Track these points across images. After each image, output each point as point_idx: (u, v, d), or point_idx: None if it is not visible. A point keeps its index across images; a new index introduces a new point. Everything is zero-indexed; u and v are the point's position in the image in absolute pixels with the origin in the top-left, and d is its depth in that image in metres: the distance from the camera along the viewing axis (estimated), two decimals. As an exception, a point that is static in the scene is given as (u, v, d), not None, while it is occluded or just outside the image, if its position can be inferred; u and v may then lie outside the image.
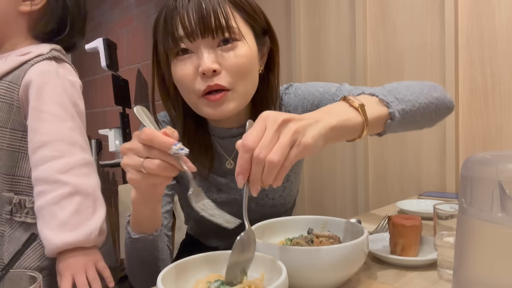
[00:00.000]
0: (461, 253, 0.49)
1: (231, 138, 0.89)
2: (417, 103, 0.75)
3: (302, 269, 0.60)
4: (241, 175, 0.56)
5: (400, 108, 0.72)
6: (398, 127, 0.74)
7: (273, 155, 0.55)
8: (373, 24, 1.62)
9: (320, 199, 1.87)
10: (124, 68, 3.21)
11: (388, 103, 0.71)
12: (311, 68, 1.86)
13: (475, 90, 1.34)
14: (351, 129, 0.66)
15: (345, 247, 0.62)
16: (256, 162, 0.55)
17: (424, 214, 1.03)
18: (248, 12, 0.79)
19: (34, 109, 0.78)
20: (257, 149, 0.55)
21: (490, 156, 0.48)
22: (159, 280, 0.54)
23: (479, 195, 0.46)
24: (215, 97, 0.76)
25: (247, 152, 0.55)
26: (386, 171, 1.61)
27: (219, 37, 0.75)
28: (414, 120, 0.76)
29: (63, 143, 0.76)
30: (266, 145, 0.55)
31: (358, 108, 0.67)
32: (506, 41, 1.27)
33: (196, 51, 0.76)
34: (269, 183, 0.57)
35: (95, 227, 0.73)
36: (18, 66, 0.81)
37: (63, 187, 0.71)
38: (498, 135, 1.30)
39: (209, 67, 0.73)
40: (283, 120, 0.57)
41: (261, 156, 0.55)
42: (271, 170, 0.55)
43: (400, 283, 0.67)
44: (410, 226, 0.74)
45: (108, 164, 3.05)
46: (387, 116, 0.71)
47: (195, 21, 0.73)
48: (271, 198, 0.93)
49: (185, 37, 0.74)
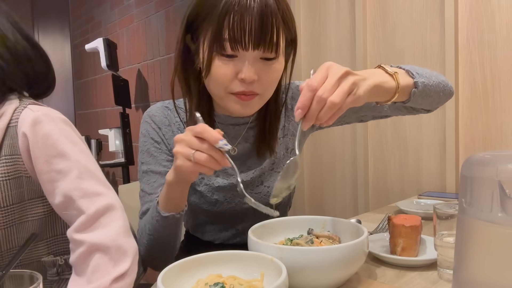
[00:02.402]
0: (461, 253, 0.49)
1: (235, 126, 0.93)
2: (431, 80, 0.88)
3: (302, 269, 0.61)
4: (300, 110, 0.65)
5: (421, 80, 0.84)
6: (419, 97, 0.85)
7: (335, 97, 0.64)
8: (373, 24, 1.62)
9: (320, 199, 1.87)
10: (124, 68, 3.21)
11: (413, 75, 0.83)
12: (311, 68, 1.86)
13: (475, 90, 1.34)
14: (387, 91, 0.77)
15: (345, 247, 0.62)
16: (318, 101, 0.63)
17: (424, 214, 1.03)
18: (289, 28, 0.83)
19: (45, 173, 0.70)
20: (321, 90, 0.63)
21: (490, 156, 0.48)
22: (159, 280, 0.54)
23: (479, 195, 0.46)
24: (247, 98, 0.81)
25: (311, 91, 0.63)
26: (386, 171, 1.61)
27: (265, 53, 0.78)
28: (429, 95, 0.88)
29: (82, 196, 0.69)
30: (328, 88, 0.64)
31: (393, 74, 0.78)
32: (506, 41, 1.27)
33: (241, 57, 0.78)
34: (324, 120, 0.65)
35: (113, 277, 0.66)
36: (3, 134, 0.72)
37: (80, 246, 0.67)
38: (498, 135, 1.30)
39: (251, 78, 0.78)
40: (345, 71, 0.66)
41: (324, 96, 0.63)
42: (330, 109, 0.64)
43: (400, 283, 0.67)
44: (410, 226, 0.74)
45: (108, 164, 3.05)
46: (412, 85, 0.83)
47: (255, 34, 0.75)
48: (266, 186, 0.95)
49: (239, 44, 0.76)
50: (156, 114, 0.95)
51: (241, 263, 0.63)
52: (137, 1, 3.03)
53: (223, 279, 0.60)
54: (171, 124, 0.94)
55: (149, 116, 0.95)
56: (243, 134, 0.94)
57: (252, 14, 0.74)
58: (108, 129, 3.23)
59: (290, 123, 0.99)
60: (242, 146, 0.94)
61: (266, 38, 0.76)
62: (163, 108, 0.96)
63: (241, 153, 0.94)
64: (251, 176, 0.93)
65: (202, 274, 0.62)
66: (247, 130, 0.94)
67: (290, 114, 0.99)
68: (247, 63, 0.77)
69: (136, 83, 3.11)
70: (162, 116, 0.95)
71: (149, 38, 2.92)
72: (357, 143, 1.68)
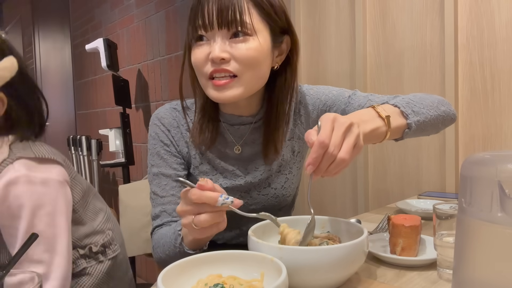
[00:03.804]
0: (461, 253, 0.49)
1: (240, 126, 0.94)
2: (429, 115, 0.86)
3: (302, 269, 0.61)
4: (311, 166, 0.66)
5: (416, 119, 0.83)
6: (412, 135, 0.85)
7: (343, 153, 0.65)
8: (373, 24, 1.62)
9: (320, 199, 1.87)
10: (124, 68, 3.21)
11: (407, 115, 0.82)
12: (311, 68, 1.86)
13: (474, 90, 1.34)
14: (378, 136, 0.78)
15: (345, 247, 0.62)
16: (328, 158, 0.65)
17: (424, 214, 1.03)
18: (266, 10, 0.84)
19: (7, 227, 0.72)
20: (330, 147, 0.65)
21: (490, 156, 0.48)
22: (159, 280, 0.54)
23: (479, 195, 0.46)
24: (219, 82, 0.82)
25: (322, 148, 0.65)
26: (386, 171, 1.61)
27: (232, 30, 0.81)
28: (424, 130, 0.87)
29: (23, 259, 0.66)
30: (337, 144, 0.65)
31: (385, 118, 0.78)
32: (506, 41, 1.27)
33: (211, 39, 0.82)
34: (331, 175, 0.68)
35: None
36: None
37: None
38: (497, 135, 1.30)
39: (218, 56, 0.80)
40: (349, 124, 0.67)
41: (334, 153, 0.65)
42: (339, 165, 0.66)
43: (400, 283, 0.67)
44: (410, 226, 0.74)
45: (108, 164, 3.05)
46: (405, 126, 0.82)
47: (214, 13, 0.81)
48: (273, 188, 0.97)
49: (203, 26, 0.82)
50: (164, 116, 0.96)
51: (241, 263, 0.63)
52: (137, 1, 3.03)
53: (223, 279, 0.60)
54: (180, 125, 0.96)
55: (157, 118, 0.96)
56: (248, 134, 0.95)
57: (214, 0, 0.81)
58: (108, 129, 3.22)
59: (297, 127, 0.99)
60: (248, 147, 0.95)
61: (228, 16, 0.80)
62: (171, 110, 0.97)
63: (248, 154, 0.95)
64: (259, 178, 0.95)
65: (202, 274, 0.62)
66: (252, 130, 0.95)
67: (297, 118, 0.99)
68: (215, 43, 0.81)
69: (136, 83, 3.11)
70: (171, 118, 0.96)
71: (149, 38, 2.92)
72: (357, 143, 1.67)
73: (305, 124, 0.99)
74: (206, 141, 0.92)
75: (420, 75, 1.48)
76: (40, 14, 4.85)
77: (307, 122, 0.99)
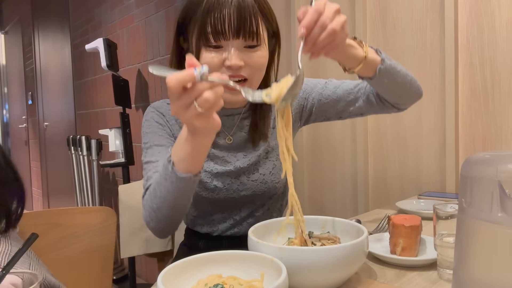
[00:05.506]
0: (461, 253, 0.49)
1: (229, 116, 1.00)
2: (399, 68, 0.93)
3: (302, 269, 0.61)
4: (304, 28, 0.70)
5: (389, 63, 0.89)
6: (384, 77, 0.89)
7: (335, 24, 0.70)
8: (373, 24, 1.62)
9: (320, 199, 1.87)
10: (124, 68, 3.21)
11: (381, 53, 0.89)
12: (311, 67, 1.86)
13: (475, 90, 1.34)
14: (355, 56, 0.84)
15: (345, 247, 0.62)
16: (321, 25, 0.69)
17: (424, 214, 1.03)
18: (269, 20, 0.92)
19: None
20: (323, 16, 0.69)
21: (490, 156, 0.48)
22: (159, 280, 0.54)
23: (479, 195, 0.46)
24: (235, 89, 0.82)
25: (317, 14, 0.69)
26: (386, 171, 1.61)
27: (248, 41, 0.86)
28: (395, 80, 0.92)
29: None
30: (330, 16, 0.70)
31: (363, 44, 0.85)
32: (506, 41, 1.27)
33: (225, 47, 0.86)
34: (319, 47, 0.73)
35: None
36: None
37: None
38: (498, 135, 1.30)
39: (237, 64, 0.85)
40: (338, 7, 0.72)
41: (326, 22, 0.69)
42: (329, 36, 0.70)
43: (400, 283, 0.67)
44: (410, 226, 0.74)
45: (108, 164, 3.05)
46: (379, 62, 0.87)
47: (234, 24, 0.84)
48: (261, 173, 1.00)
49: (221, 34, 0.84)
50: (160, 106, 1.02)
51: (241, 263, 0.63)
52: (137, 1, 3.03)
53: (223, 279, 0.60)
54: None
55: (153, 107, 1.02)
56: (237, 124, 1.00)
57: (230, 7, 0.83)
58: (108, 129, 3.22)
59: None
60: (237, 135, 1.01)
61: (245, 27, 0.84)
62: (166, 104, 1.03)
63: (237, 142, 1.00)
64: (248, 163, 0.99)
65: (202, 274, 0.62)
66: (241, 120, 1.01)
67: None
68: (232, 51, 0.85)
69: (136, 83, 3.11)
70: (166, 108, 1.01)
71: (149, 38, 2.92)
72: (357, 143, 1.68)
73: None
74: None
75: (420, 75, 1.48)
76: (40, 14, 4.85)
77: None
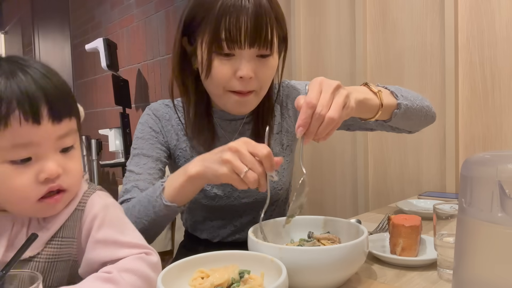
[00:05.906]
0: (461, 253, 0.49)
1: (231, 121, 0.96)
2: (415, 103, 0.91)
3: (302, 269, 0.61)
4: (302, 128, 0.67)
5: (405, 102, 0.87)
6: (400, 119, 0.88)
7: (332, 112, 0.66)
8: (373, 24, 1.62)
9: (320, 199, 1.87)
10: (124, 68, 3.21)
11: (397, 96, 0.87)
12: (311, 68, 1.86)
13: (475, 90, 1.34)
14: (371, 108, 0.81)
15: (345, 247, 0.62)
16: (317, 118, 0.66)
17: (424, 214, 1.03)
18: (281, 25, 0.86)
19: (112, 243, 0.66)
20: (319, 107, 0.66)
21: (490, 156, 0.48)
22: (159, 280, 0.54)
23: (479, 195, 0.46)
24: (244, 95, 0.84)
25: (310, 108, 0.66)
26: (386, 171, 1.61)
27: (262, 51, 0.81)
28: (410, 118, 0.91)
29: None
30: (325, 104, 0.66)
31: (377, 93, 0.82)
32: (506, 41, 1.27)
33: (238, 55, 0.81)
34: (322, 136, 0.68)
35: None
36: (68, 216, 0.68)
37: None
38: (498, 135, 1.30)
39: (249, 75, 0.81)
40: (336, 85, 0.69)
41: (322, 113, 0.66)
42: (329, 125, 0.67)
43: (400, 283, 0.67)
44: (410, 226, 0.74)
45: (108, 164, 3.05)
46: (395, 106, 0.86)
47: (250, 33, 0.78)
48: None
49: (236, 43, 0.79)
50: (157, 108, 0.99)
51: (241, 263, 0.63)
52: (137, 1, 3.03)
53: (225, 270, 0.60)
54: (171, 119, 0.98)
55: (150, 109, 0.99)
56: (239, 129, 0.97)
57: (247, 14, 0.77)
58: (108, 129, 3.23)
59: (285, 121, 1.02)
60: None
61: (261, 36, 0.79)
62: (164, 105, 1.00)
63: None
64: None
65: (202, 274, 0.62)
66: (243, 125, 0.98)
67: (285, 112, 1.02)
68: (244, 61, 0.80)
69: (136, 83, 3.11)
70: (163, 111, 0.98)
71: (149, 38, 2.92)
72: (357, 144, 1.68)
73: (293, 117, 1.02)
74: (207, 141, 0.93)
75: (420, 75, 1.48)
76: (40, 14, 4.85)
77: (294, 116, 1.02)
